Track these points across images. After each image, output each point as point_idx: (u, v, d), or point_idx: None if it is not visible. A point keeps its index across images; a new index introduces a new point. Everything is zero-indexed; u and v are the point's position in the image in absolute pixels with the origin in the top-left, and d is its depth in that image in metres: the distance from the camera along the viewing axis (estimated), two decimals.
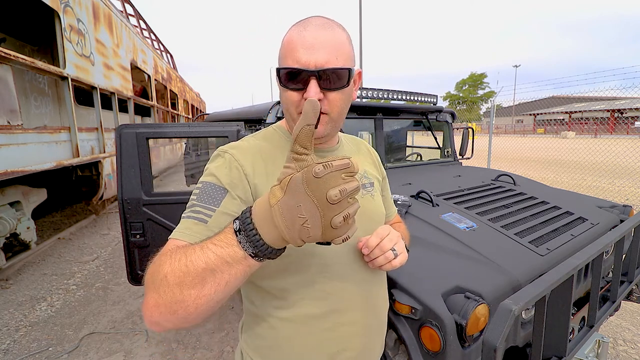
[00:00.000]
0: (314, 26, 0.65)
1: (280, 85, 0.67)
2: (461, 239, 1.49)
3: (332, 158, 0.41)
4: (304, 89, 0.64)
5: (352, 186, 0.40)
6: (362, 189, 0.78)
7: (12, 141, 3.26)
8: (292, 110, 0.68)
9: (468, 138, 3.16)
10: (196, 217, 0.61)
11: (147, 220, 2.08)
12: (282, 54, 0.67)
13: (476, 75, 44.85)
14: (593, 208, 2.03)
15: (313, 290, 0.70)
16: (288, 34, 0.67)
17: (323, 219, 0.41)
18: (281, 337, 0.72)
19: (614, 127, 28.44)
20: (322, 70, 0.63)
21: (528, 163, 10.48)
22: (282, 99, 0.69)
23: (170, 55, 13.04)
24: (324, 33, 0.64)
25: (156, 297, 0.49)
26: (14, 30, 5.32)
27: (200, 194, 0.64)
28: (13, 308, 2.97)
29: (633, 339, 2.34)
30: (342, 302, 0.72)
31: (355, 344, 0.74)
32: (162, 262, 0.50)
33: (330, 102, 0.66)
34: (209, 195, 0.63)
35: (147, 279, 0.52)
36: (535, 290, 0.81)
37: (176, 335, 2.51)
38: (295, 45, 0.64)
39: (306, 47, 0.63)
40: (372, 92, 2.41)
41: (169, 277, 0.48)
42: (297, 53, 0.63)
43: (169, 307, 0.48)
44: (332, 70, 0.63)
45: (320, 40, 0.63)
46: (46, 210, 5.81)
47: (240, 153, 0.69)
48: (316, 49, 0.63)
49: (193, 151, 4.92)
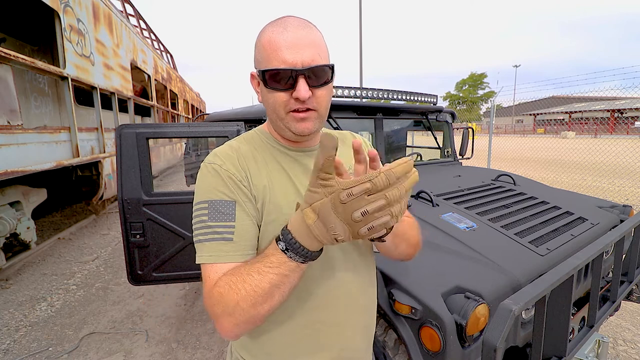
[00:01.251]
0: (294, 26, 0.65)
1: (266, 87, 0.67)
2: (461, 239, 1.49)
3: (355, 182, 0.47)
4: (292, 88, 0.65)
5: (373, 206, 0.47)
6: None
7: (12, 141, 3.26)
8: (280, 111, 0.68)
9: (468, 138, 3.16)
10: (221, 237, 0.64)
11: (147, 220, 2.07)
12: (263, 56, 0.66)
13: (476, 75, 44.80)
14: (593, 208, 2.03)
15: (294, 290, 0.69)
16: (265, 35, 0.67)
17: (351, 232, 0.50)
18: (263, 334, 0.73)
19: (614, 127, 28.44)
20: (310, 68, 0.64)
21: (528, 163, 10.48)
22: (269, 101, 0.69)
23: (170, 55, 13.04)
24: (304, 32, 0.65)
25: (233, 320, 0.58)
26: (14, 30, 5.32)
27: (210, 213, 0.65)
28: (13, 308, 2.97)
29: (633, 339, 2.34)
30: (323, 302, 0.73)
31: (336, 343, 0.75)
32: (225, 292, 0.58)
33: (317, 98, 0.67)
34: (220, 212, 0.65)
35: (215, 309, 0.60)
36: (535, 290, 0.81)
37: (176, 335, 2.51)
38: (278, 46, 0.64)
39: (290, 47, 0.64)
40: (372, 92, 2.41)
41: (241, 303, 0.57)
42: (282, 53, 0.63)
43: (248, 323, 0.59)
44: (319, 67, 0.65)
45: (302, 39, 0.65)
46: (46, 210, 5.82)
47: (223, 160, 0.69)
48: (301, 48, 0.64)
49: (193, 151, 4.92)
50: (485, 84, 44.85)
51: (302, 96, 0.64)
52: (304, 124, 0.68)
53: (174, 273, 2.15)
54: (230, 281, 0.59)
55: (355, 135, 0.93)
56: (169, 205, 2.09)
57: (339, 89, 2.25)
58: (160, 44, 11.91)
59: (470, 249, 1.42)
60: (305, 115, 0.68)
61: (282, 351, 0.73)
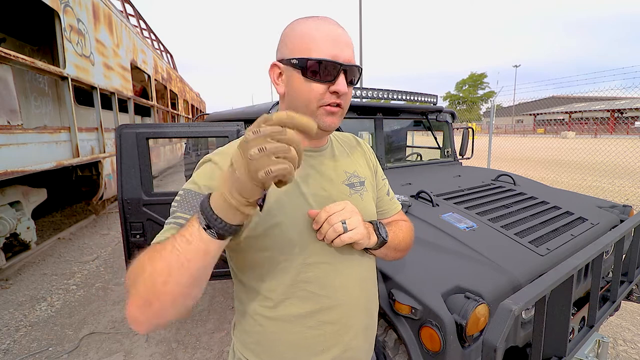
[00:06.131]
0: (331, 23, 0.67)
1: (305, 77, 0.66)
2: (461, 239, 1.49)
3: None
4: (331, 82, 0.66)
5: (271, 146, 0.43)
6: (350, 189, 0.79)
7: (12, 141, 3.26)
8: (313, 102, 0.67)
9: (468, 138, 3.16)
10: (175, 222, 0.62)
11: (147, 220, 2.08)
12: (300, 46, 0.65)
13: (476, 75, 44.81)
14: (593, 208, 2.03)
15: (298, 290, 0.71)
16: (303, 26, 0.67)
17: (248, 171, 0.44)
18: (268, 334, 0.73)
19: (614, 127, 28.44)
20: (350, 65, 0.66)
21: (528, 163, 10.47)
22: (302, 91, 0.67)
23: (170, 55, 13.04)
24: (341, 30, 0.67)
25: (133, 292, 0.52)
26: (14, 30, 5.32)
27: (180, 201, 0.65)
28: (13, 308, 2.97)
29: (633, 339, 2.34)
30: (327, 302, 0.73)
31: (340, 342, 0.75)
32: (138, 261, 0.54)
33: (346, 96, 0.70)
34: (188, 202, 0.64)
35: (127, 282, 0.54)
36: (535, 290, 0.81)
37: (176, 335, 2.51)
38: (321, 38, 0.64)
39: (333, 41, 0.65)
40: (372, 92, 2.41)
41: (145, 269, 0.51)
42: (326, 45, 0.64)
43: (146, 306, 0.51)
44: (356, 67, 0.68)
45: (343, 37, 0.66)
46: (46, 210, 5.81)
47: (223, 159, 0.69)
48: (343, 45, 0.65)
49: (193, 151, 4.92)
50: (485, 84, 44.88)
51: (342, 90, 0.66)
52: (332, 118, 0.69)
53: None
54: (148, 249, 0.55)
55: (363, 145, 0.94)
56: (169, 205, 2.08)
57: None
58: (160, 44, 11.91)
59: (470, 249, 1.42)
60: (336, 110, 0.69)
61: (289, 352, 0.73)
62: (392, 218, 0.93)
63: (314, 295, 0.72)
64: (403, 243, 0.85)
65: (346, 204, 0.70)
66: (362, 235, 0.69)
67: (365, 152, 0.92)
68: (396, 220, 0.92)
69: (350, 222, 0.68)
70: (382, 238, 0.75)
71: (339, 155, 0.83)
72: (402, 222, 0.91)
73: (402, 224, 0.89)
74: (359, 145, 0.92)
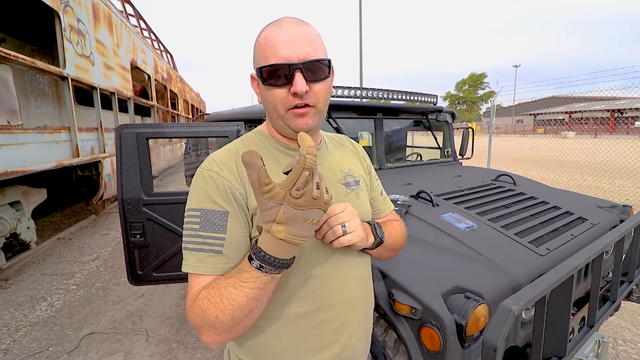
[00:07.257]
0: (289, 24, 0.66)
1: (264, 84, 0.67)
2: (461, 239, 1.48)
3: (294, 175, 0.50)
4: (290, 83, 0.65)
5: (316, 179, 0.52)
6: (346, 188, 0.80)
7: (12, 141, 3.26)
8: (279, 108, 0.68)
9: (468, 138, 3.16)
10: (210, 249, 0.64)
11: (147, 220, 2.07)
12: (260, 55, 0.67)
13: (476, 75, 44.80)
14: (593, 208, 2.03)
15: (296, 290, 0.71)
16: (262, 35, 0.68)
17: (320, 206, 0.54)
18: (266, 335, 0.73)
19: (614, 127, 28.43)
20: (306, 62, 0.64)
21: (528, 163, 10.47)
22: (267, 99, 0.69)
23: (170, 55, 13.04)
24: (299, 28, 0.66)
25: (214, 331, 0.60)
26: (14, 30, 5.32)
27: (202, 222, 0.65)
28: (13, 308, 2.97)
29: (633, 339, 2.34)
30: (325, 301, 0.73)
31: (339, 340, 0.75)
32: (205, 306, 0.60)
33: (315, 94, 0.68)
34: (211, 222, 0.65)
35: (197, 322, 0.61)
36: (535, 290, 0.81)
37: (176, 335, 2.51)
38: (274, 43, 0.65)
39: (286, 43, 0.64)
40: (372, 92, 2.41)
41: (220, 317, 0.59)
42: (278, 49, 0.64)
43: (229, 333, 0.61)
44: (315, 61, 0.66)
45: (297, 35, 0.65)
46: (46, 210, 5.81)
47: (220, 167, 0.69)
48: (296, 43, 0.64)
49: (193, 151, 4.91)
50: (485, 84, 44.87)
51: (300, 90, 0.64)
52: (303, 119, 0.68)
53: (174, 273, 2.15)
54: (209, 295, 0.60)
55: (355, 145, 0.95)
56: (169, 205, 2.09)
57: (339, 89, 2.25)
58: (160, 44, 11.91)
59: (470, 249, 1.42)
60: (304, 111, 0.68)
61: (288, 352, 0.73)
62: (385, 218, 0.94)
63: (313, 294, 0.72)
64: (397, 242, 0.87)
65: (346, 206, 0.70)
66: (360, 238, 0.70)
67: (359, 152, 0.93)
68: (390, 220, 0.94)
69: (349, 225, 0.68)
70: (380, 239, 0.77)
71: (333, 154, 0.84)
72: (395, 222, 0.93)
73: (395, 224, 0.91)
74: (352, 146, 0.93)
